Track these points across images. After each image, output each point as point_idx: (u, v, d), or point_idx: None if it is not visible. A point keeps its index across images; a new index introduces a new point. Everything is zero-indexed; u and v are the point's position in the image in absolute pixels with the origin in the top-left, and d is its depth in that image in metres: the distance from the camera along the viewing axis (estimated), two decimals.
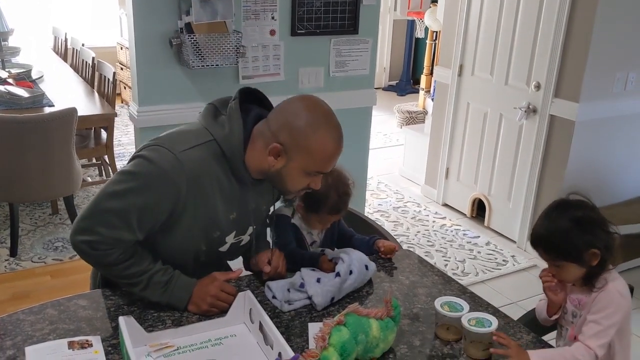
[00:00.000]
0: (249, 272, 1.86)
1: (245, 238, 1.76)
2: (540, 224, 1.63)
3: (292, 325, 1.57)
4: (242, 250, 1.83)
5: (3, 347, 1.43)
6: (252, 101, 1.68)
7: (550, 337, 1.76)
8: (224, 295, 1.62)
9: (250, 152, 1.60)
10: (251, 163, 1.61)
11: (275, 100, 3.57)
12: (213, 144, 1.59)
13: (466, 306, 1.56)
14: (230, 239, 1.71)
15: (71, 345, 1.42)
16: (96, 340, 1.45)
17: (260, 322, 1.49)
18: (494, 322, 1.47)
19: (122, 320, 1.42)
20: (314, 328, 1.54)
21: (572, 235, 1.56)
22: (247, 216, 1.72)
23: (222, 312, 1.60)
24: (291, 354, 1.32)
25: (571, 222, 1.57)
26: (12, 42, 5.19)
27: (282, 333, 1.43)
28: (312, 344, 1.44)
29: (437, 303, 1.56)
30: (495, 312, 1.69)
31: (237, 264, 1.89)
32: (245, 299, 1.58)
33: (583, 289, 1.62)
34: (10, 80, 4.18)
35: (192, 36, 2.83)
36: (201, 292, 1.62)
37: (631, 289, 1.75)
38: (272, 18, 3.11)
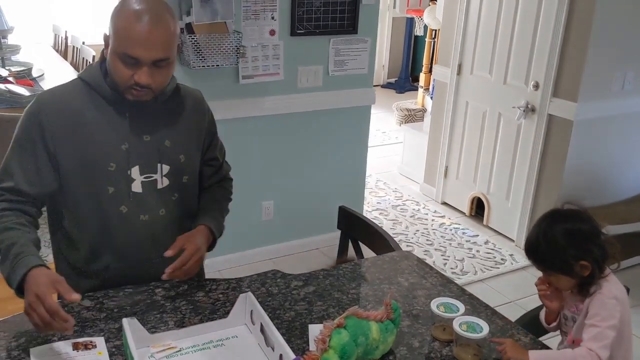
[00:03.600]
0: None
1: (161, 179, 1.71)
2: (532, 234, 1.64)
3: (292, 327, 1.59)
4: (174, 205, 1.76)
5: (8, 348, 1.45)
6: None
7: (547, 338, 1.78)
8: (41, 310, 1.38)
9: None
10: (113, 78, 1.63)
11: (275, 100, 3.60)
12: (76, 80, 1.69)
13: (462, 307, 1.58)
14: (136, 174, 1.68)
15: (76, 346, 1.44)
16: (100, 342, 1.47)
17: (261, 323, 1.51)
18: (485, 328, 1.49)
19: (125, 321, 1.44)
20: (314, 330, 1.56)
21: (560, 249, 1.57)
22: (145, 149, 1.68)
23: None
24: (292, 355, 1.34)
25: (561, 235, 1.58)
26: (12, 40, 5.19)
27: (282, 335, 1.44)
28: (312, 346, 1.46)
29: (433, 304, 1.59)
30: (492, 314, 1.71)
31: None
32: (247, 301, 1.59)
33: (577, 296, 1.63)
34: (10, 79, 4.19)
35: (192, 36, 2.84)
36: (32, 283, 1.42)
37: (627, 290, 1.77)
38: (272, 18, 3.13)
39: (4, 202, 1.61)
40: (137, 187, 1.69)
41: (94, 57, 4.74)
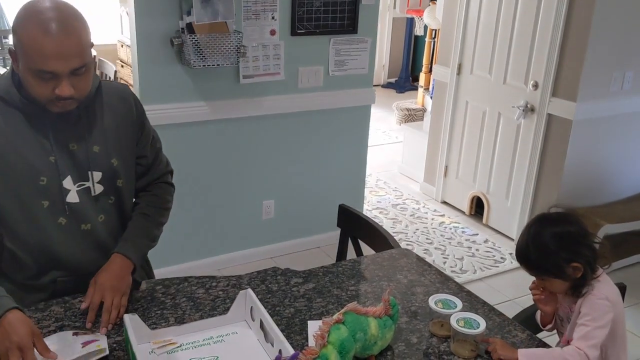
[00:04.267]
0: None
1: (96, 186, 1.66)
2: (522, 241, 1.65)
3: (292, 324, 1.61)
4: (112, 209, 1.72)
5: None
6: None
7: (544, 336, 1.79)
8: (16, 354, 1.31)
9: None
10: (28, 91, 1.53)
11: (276, 100, 3.61)
12: None
13: (460, 304, 1.59)
14: (69, 184, 1.62)
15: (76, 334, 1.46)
16: (102, 337, 1.48)
17: (261, 320, 1.52)
18: (482, 324, 1.50)
19: (126, 317, 1.46)
20: (313, 326, 1.57)
21: (551, 253, 1.58)
22: (74, 158, 1.62)
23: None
24: (291, 351, 1.35)
25: (550, 239, 1.58)
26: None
27: (282, 331, 1.46)
28: (311, 342, 1.48)
29: (432, 300, 1.60)
30: (490, 310, 1.72)
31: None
32: (247, 297, 1.61)
33: (572, 297, 1.63)
34: None
35: (193, 36, 2.86)
36: (11, 332, 1.33)
37: (623, 288, 1.78)
38: (272, 18, 3.14)
39: None
40: (73, 197, 1.63)
41: (94, 57, 4.76)
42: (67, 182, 1.62)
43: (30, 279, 1.67)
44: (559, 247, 1.57)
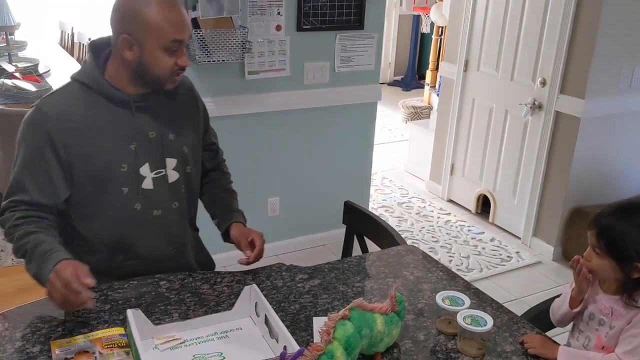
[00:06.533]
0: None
1: (171, 173, 1.75)
2: (607, 213, 1.57)
3: (297, 319, 1.59)
4: (183, 195, 1.81)
5: (12, 339, 1.45)
6: None
7: (554, 334, 1.76)
8: (76, 284, 1.41)
9: (111, 68, 1.67)
10: (117, 77, 1.66)
11: (281, 96, 3.59)
12: (73, 83, 1.68)
13: (467, 301, 1.57)
14: (146, 171, 1.70)
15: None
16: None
17: (265, 315, 1.50)
18: (489, 322, 1.48)
19: (130, 312, 1.44)
20: (318, 322, 1.56)
21: (629, 239, 1.50)
22: (153, 145, 1.71)
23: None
24: (296, 347, 1.33)
25: (636, 227, 1.51)
26: (18, 36, 5.21)
27: (287, 327, 1.44)
28: (316, 338, 1.46)
29: (439, 297, 1.58)
30: (498, 307, 1.70)
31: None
32: (251, 293, 1.59)
33: (618, 299, 1.56)
34: (17, 74, 4.20)
35: (198, 31, 2.84)
36: (54, 283, 1.44)
37: None
38: (278, 13, 3.12)
39: (21, 211, 1.61)
40: (148, 184, 1.72)
41: None
42: (144, 169, 1.70)
43: (99, 263, 1.72)
44: (639, 239, 1.49)
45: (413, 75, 8.22)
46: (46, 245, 1.54)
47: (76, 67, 4.93)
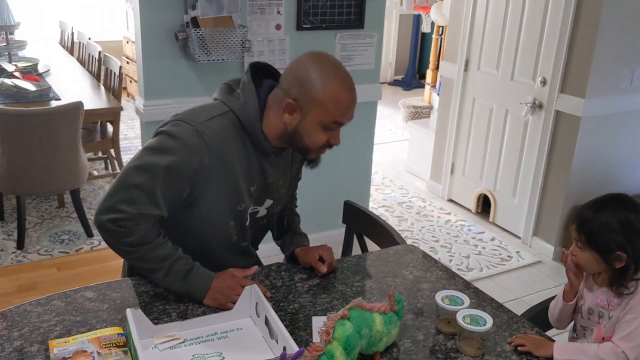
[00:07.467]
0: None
1: (262, 210, 1.79)
2: (586, 206, 1.60)
3: (296, 319, 1.58)
4: (261, 227, 1.86)
5: (10, 338, 1.45)
6: (265, 76, 1.71)
7: (554, 333, 1.76)
8: (242, 290, 1.60)
9: (267, 119, 1.64)
10: (269, 129, 1.65)
11: None
12: (230, 115, 1.64)
13: (467, 300, 1.56)
14: (249, 210, 1.75)
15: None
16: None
17: (265, 316, 1.50)
18: (489, 321, 1.47)
19: (129, 312, 1.43)
20: (318, 322, 1.55)
21: (606, 230, 1.53)
22: (266, 189, 1.75)
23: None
24: (296, 347, 1.33)
25: (615, 219, 1.54)
26: (18, 35, 5.21)
27: (286, 327, 1.44)
28: (316, 338, 1.45)
29: (438, 296, 1.57)
30: (498, 307, 1.69)
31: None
32: (252, 294, 1.59)
33: (610, 290, 1.58)
34: (17, 74, 4.20)
35: (198, 30, 2.83)
36: (220, 285, 1.62)
37: None
38: (278, 12, 3.12)
39: (148, 232, 1.59)
40: (247, 219, 1.75)
41: (100, 52, 4.75)
42: (250, 209, 1.75)
43: None
44: (620, 231, 1.53)
45: (413, 74, 8.21)
46: (185, 265, 1.62)
47: (76, 67, 4.94)
